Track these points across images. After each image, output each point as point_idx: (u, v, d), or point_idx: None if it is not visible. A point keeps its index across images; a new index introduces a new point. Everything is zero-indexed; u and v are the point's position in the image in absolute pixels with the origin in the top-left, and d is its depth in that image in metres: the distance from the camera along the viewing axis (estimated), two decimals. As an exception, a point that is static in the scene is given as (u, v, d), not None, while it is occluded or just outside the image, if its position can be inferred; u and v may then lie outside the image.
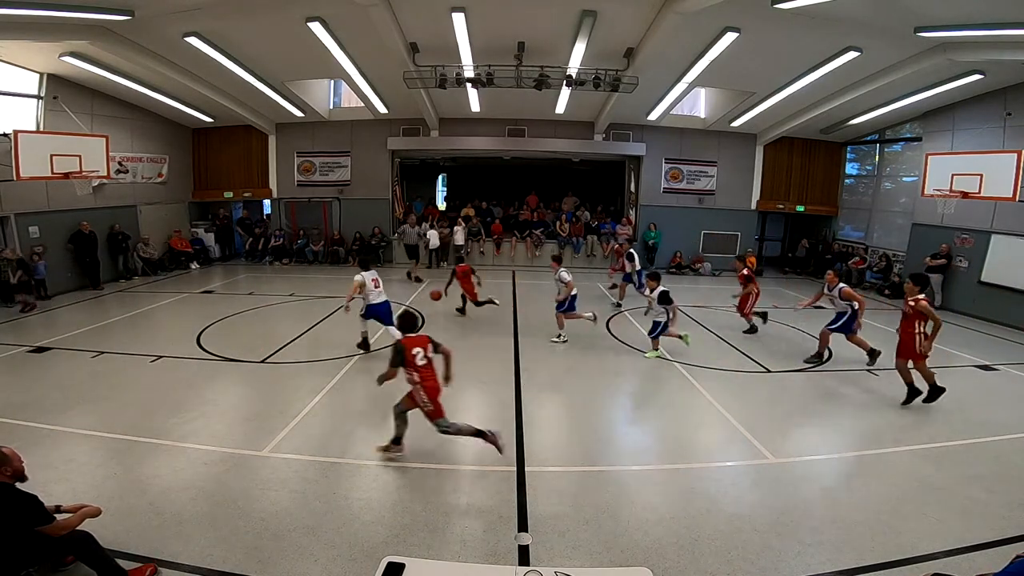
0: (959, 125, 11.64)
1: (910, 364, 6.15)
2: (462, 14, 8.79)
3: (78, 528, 3.12)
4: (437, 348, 4.69)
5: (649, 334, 7.87)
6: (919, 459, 4.96)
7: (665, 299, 7.46)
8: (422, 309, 10.11)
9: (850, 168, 16.10)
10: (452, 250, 15.49)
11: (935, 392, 6.06)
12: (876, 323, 10.34)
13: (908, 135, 13.80)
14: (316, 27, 9.24)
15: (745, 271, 9.34)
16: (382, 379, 4.70)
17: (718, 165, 15.74)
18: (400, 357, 4.48)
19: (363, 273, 7.26)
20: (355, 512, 3.96)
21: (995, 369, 7.76)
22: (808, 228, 16.88)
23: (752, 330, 9.28)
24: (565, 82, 10.62)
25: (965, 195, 9.54)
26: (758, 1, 7.93)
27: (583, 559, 3.53)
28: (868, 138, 15.14)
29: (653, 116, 14.23)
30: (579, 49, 9.82)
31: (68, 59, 9.97)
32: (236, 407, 5.90)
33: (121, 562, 3.22)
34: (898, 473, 4.71)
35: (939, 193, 9.90)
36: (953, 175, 9.68)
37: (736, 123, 14.48)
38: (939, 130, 12.15)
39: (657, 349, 7.76)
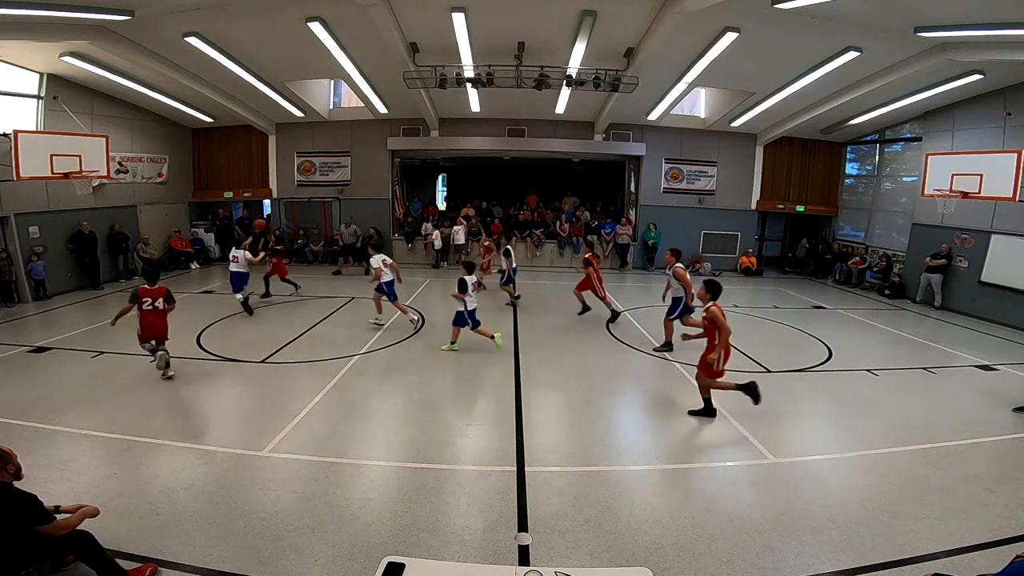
0: (959, 125, 11.64)
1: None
2: (462, 14, 8.79)
3: (78, 528, 3.13)
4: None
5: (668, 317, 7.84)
6: (919, 459, 4.96)
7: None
8: (424, 310, 10.12)
9: (850, 168, 16.11)
10: (453, 250, 15.50)
11: (708, 409, 5.73)
12: (877, 323, 10.37)
13: (908, 135, 13.80)
14: (316, 27, 9.24)
15: (588, 255, 9.64)
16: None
17: (718, 165, 15.74)
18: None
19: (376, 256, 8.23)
20: (355, 512, 3.96)
21: (995, 369, 7.76)
22: (808, 228, 16.88)
23: (614, 316, 9.52)
24: (565, 82, 10.62)
25: (965, 195, 9.53)
26: (758, 1, 7.94)
27: (583, 559, 3.52)
28: (868, 138, 15.14)
29: (653, 116, 14.23)
30: (579, 49, 9.83)
31: (68, 59, 9.97)
32: (236, 407, 5.90)
33: (121, 562, 3.22)
34: (898, 473, 4.71)
35: (939, 193, 9.89)
36: (953, 175, 9.66)
37: (736, 123, 14.48)
38: (939, 130, 12.15)
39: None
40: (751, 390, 5.64)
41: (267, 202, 16.94)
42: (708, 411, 5.77)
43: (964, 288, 11.40)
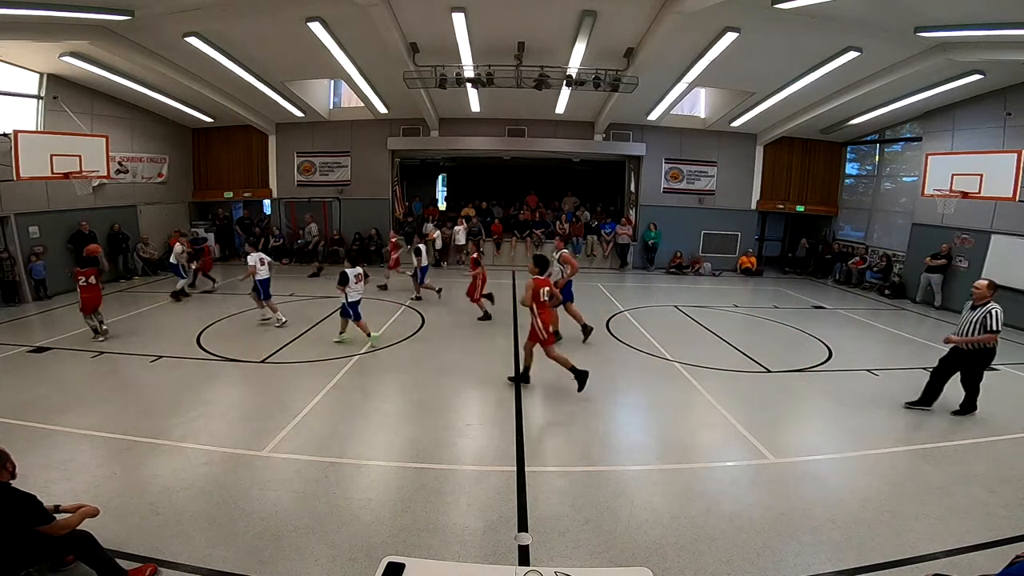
0: (959, 125, 11.64)
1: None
2: (462, 14, 8.79)
3: (78, 528, 3.13)
4: None
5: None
6: (919, 459, 4.96)
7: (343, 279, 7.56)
8: (425, 311, 10.13)
9: (850, 168, 16.11)
10: (453, 250, 15.52)
11: (525, 375, 6.51)
12: (877, 323, 10.37)
13: (908, 135, 13.80)
14: (316, 27, 9.24)
15: (475, 255, 9.75)
16: None
17: (718, 165, 15.75)
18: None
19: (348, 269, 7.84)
20: (355, 512, 3.96)
21: (995, 369, 7.73)
22: (808, 228, 16.88)
23: (486, 317, 9.47)
24: (565, 82, 10.62)
25: (965, 195, 9.53)
26: (758, 1, 7.94)
27: (583, 559, 3.52)
28: (868, 138, 15.14)
29: (653, 116, 14.23)
30: (579, 49, 9.83)
31: (68, 59, 9.98)
32: (236, 407, 5.90)
33: (121, 562, 3.22)
34: (898, 473, 4.71)
35: (939, 193, 9.89)
36: (953, 175, 9.67)
37: (736, 123, 14.49)
38: (939, 130, 12.16)
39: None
40: (580, 376, 6.13)
41: (267, 202, 16.95)
42: (525, 378, 6.48)
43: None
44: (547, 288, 6.36)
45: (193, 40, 9.60)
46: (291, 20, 9.14)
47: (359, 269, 7.91)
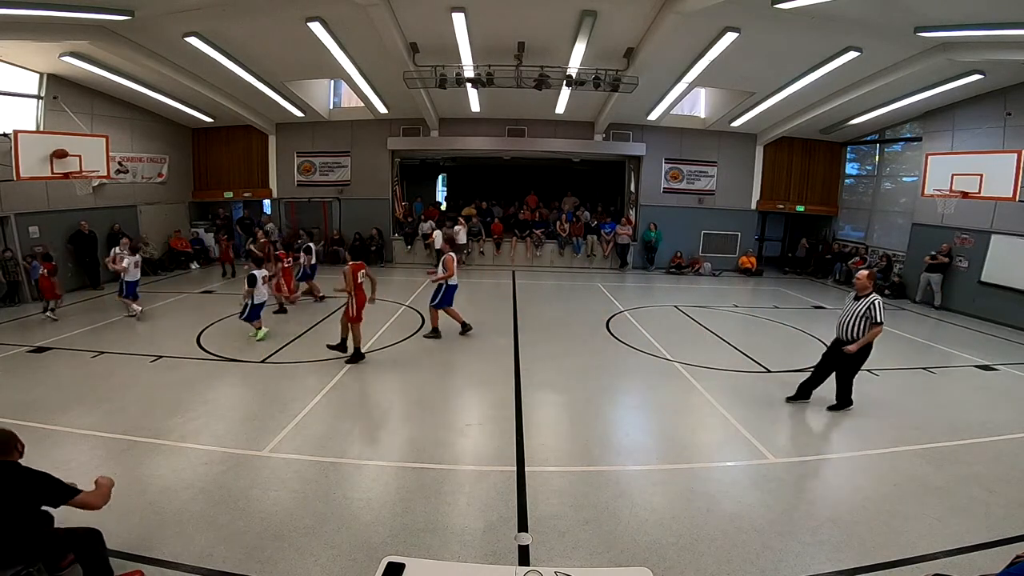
0: (959, 125, 11.64)
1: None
2: (462, 14, 8.79)
3: (89, 525, 3.09)
4: None
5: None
6: (919, 459, 4.96)
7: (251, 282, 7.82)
8: (424, 311, 10.12)
9: (850, 168, 16.11)
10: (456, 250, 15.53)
11: (341, 346, 7.37)
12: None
13: (908, 135, 13.80)
14: (316, 27, 9.24)
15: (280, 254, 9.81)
16: None
17: (718, 165, 15.75)
18: None
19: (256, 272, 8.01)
20: (355, 512, 3.96)
21: (995, 369, 7.76)
22: (808, 228, 16.88)
23: (281, 310, 9.67)
24: (565, 82, 10.62)
25: (965, 195, 9.53)
26: (758, 1, 7.94)
27: (583, 559, 3.52)
28: (868, 138, 15.15)
29: (653, 116, 14.23)
30: (579, 49, 9.83)
31: (68, 59, 9.98)
32: (236, 407, 5.90)
33: (120, 562, 3.23)
34: (898, 473, 4.71)
35: (939, 193, 9.90)
36: (953, 175, 9.67)
37: (736, 123, 14.49)
38: (939, 130, 12.16)
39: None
40: (354, 354, 7.10)
41: (267, 202, 16.95)
42: (341, 348, 7.32)
43: (964, 288, 11.40)
44: (363, 271, 7.28)
45: (193, 40, 9.60)
46: (291, 20, 9.14)
47: (266, 272, 7.95)
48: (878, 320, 5.47)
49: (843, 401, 5.97)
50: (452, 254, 8.39)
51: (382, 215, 15.85)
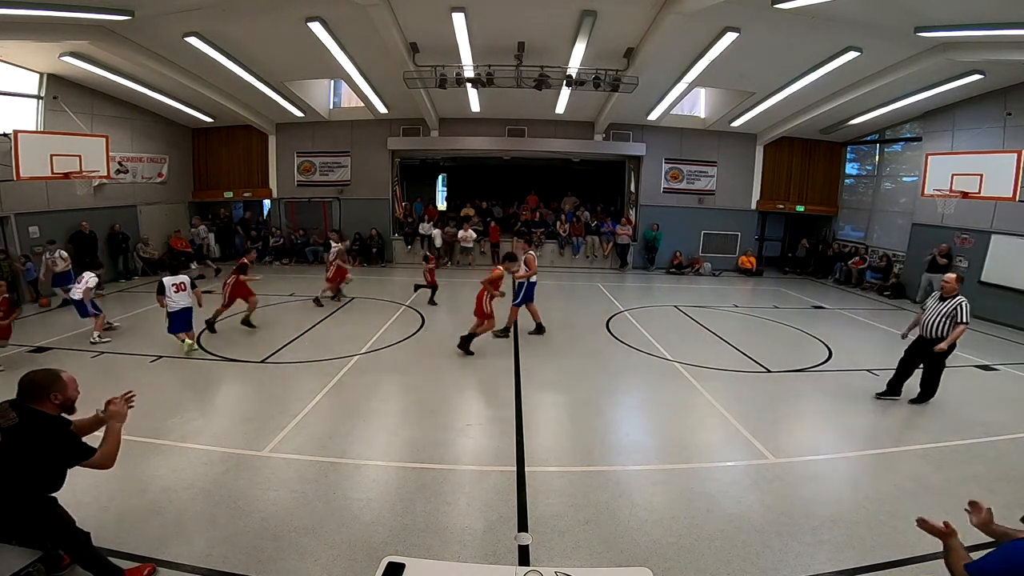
0: (959, 125, 11.64)
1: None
2: (462, 14, 8.79)
3: (79, 528, 3.07)
4: None
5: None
6: (919, 459, 4.96)
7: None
8: (425, 312, 10.13)
9: (850, 168, 16.12)
10: (457, 250, 15.57)
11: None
12: (877, 323, 10.37)
13: (908, 135, 13.80)
14: (316, 27, 9.24)
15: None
16: None
17: (718, 165, 15.75)
18: None
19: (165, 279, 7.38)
20: (355, 512, 3.95)
21: (995, 369, 7.76)
22: (808, 228, 16.89)
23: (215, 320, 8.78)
24: (565, 82, 10.62)
25: (965, 195, 9.54)
26: (758, 1, 7.94)
27: (583, 559, 3.52)
28: (868, 138, 15.15)
29: (653, 116, 14.23)
30: (579, 49, 9.83)
31: (68, 59, 9.98)
32: (236, 407, 5.90)
33: (120, 562, 3.22)
34: (898, 473, 4.71)
35: (939, 193, 9.90)
36: (953, 175, 9.68)
37: (736, 123, 14.49)
38: (939, 130, 12.16)
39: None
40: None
41: (267, 202, 16.96)
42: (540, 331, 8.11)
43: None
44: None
45: (193, 40, 9.60)
46: (291, 20, 9.15)
47: (183, 277, 7.49)
48: (963, 320, 5.79)
49: (928, 393, 6.18)
50: (532, 252, 8.64)
51: (382, 215, 15.85)
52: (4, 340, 7.16)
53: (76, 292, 7.98)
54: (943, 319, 5.90)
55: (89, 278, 8.01)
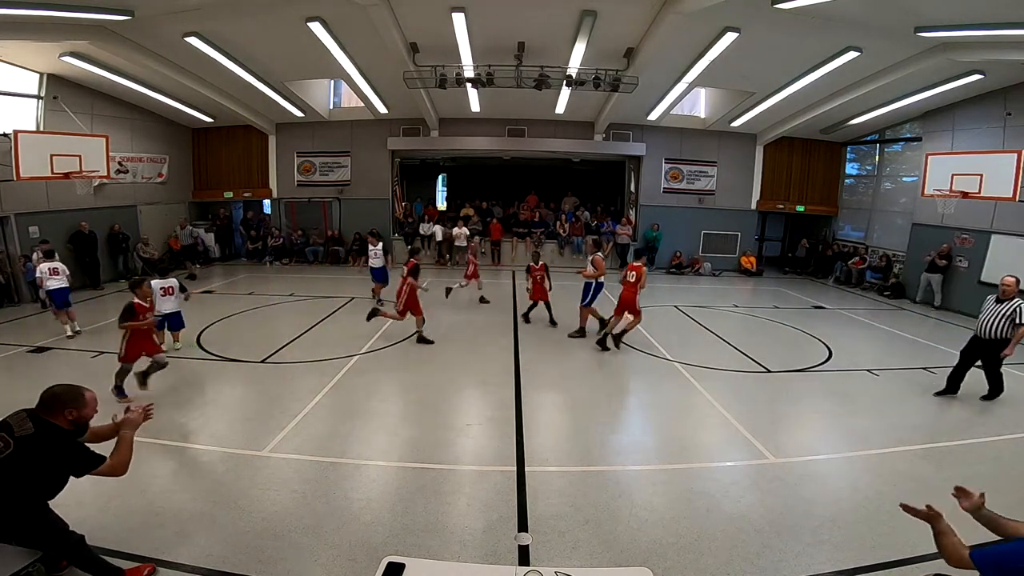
0: (959, 125, 11.64)
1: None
2: (462, 14, 8.79)
3: (72, 531, 3.06)
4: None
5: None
6: (919, 459, 4.96)
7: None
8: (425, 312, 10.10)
9: (850, 168, 16.12)
10: (456, 250, 15.56)
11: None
12: (877, 323, 10.37)
13: (908, 135, 13.80)
14: (316, 27, 9.24)
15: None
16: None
17: (718, 165, 15.75)
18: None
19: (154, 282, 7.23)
20: (355, 512, 3.95)
21: (995, 369, 7.75)
22: (808, 228, 16.89)
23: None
24: (565, 82, 10.62)
25: (965, 195, 9.54)
26: (758, 1, 7.94)
27: (583, 559, 3.52)
28: (868, 138, 15.15)
29: (653, 116, 14.23)
30: (579, 49, 9.83)
31: (68, 59, 9.98)
32: (236, 407, 5.90)
33: (120, 562, 3.22)
34: (898, 473, 4.70)
35: (939, 193, 9.90)
36: (953, 175, 9.68)
37: (736, 123, 14.49)
38: (939, 130, 12.16)
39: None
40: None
41: (267, 202, 16.96)
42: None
43: (964, 288, 11.39)
44: (634, 271, 7.84)
45: (193, 40, 9.60)
46: (291, 20, 9.14)
47: (172, 281, 7.44)
48: (1022, 321, 5.89)
49: (996, 390, 6.31)
50: (600, 254, 8.66)
51: (382, 215, 15.85)
52: None
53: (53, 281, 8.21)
54: (1002, 320, 6.00)
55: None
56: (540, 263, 9.29)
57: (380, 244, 10.65)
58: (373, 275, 10.58)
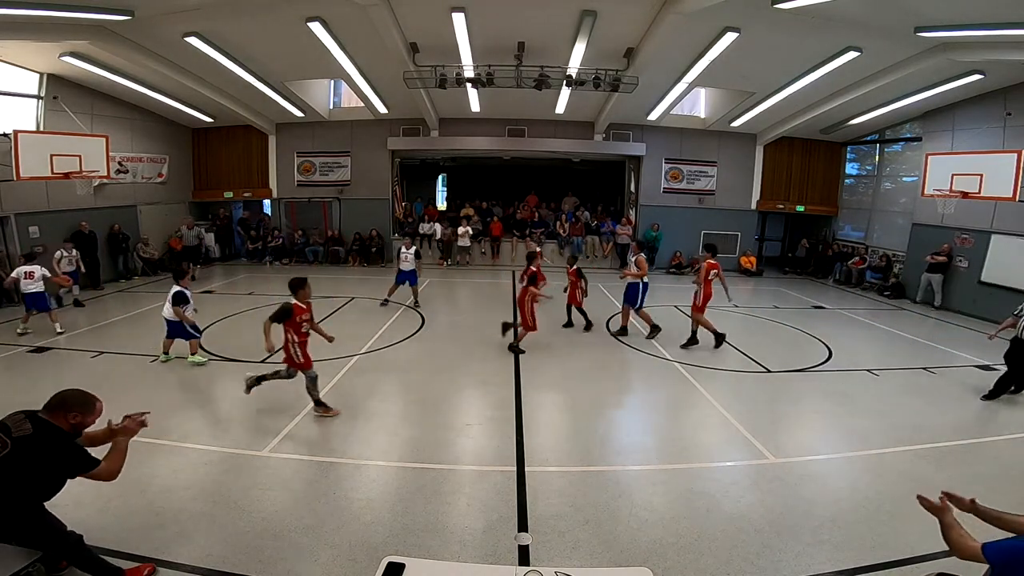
0: (959, 125, 11.64)
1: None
2: (462, 14, 8.79)
3: (71, 531, 3.05)
4: None
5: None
6: (919, 459, 4.96)
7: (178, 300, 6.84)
8: (425, 312, 10.11)
9: (850, 168, 16.11)
10: (456, 250, 15.58)
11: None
12: (877, 323, 10.37)
13: (908, 135, 13.80)
14: (316, 27, 9.24)
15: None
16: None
17: (718, 165, 15.75)
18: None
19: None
20: (355, 512, 3.95)
21: (995, 369, 7.74)
22: (808, 228, 16.88)
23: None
24: (565, 82, 10.62)
25: (965, 195, 9.54)
26: (758, 1, 7.94)
27: (583, 559, 3.52)
28: (868, 138, 15.14)
29: (653, 116, 14.23)
30: (579, 49, 9.83)
31: (68, 59, 9.97)
32: (236, 407, 5.89)
33: (120, 562, 3.22)
34: (898, 473, 4.70)
35: (939, 193, 9.90)
36: (953, 175, 9.68)
37: (736, 123, 14.49)
38: (939, 130, 12.15)
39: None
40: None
41: (267, 202, 16.95)
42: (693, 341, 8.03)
43: (964, 288, 11.39)
44: (716, 271, 8.01)
45: (193, 40, 9.59)
46: (291, 20, 9.14)
47: (36, 267, 7.62)
48: None
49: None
50: (642, 255, 8.81)
51: (382, 215, 15.85)
52: None
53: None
54: None
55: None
56: (573, 267, 9.02)
57: (413, 248, 10.49)
58: (403, 278, 10.28)
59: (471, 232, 15.26)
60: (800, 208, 16.04)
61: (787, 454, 5.01)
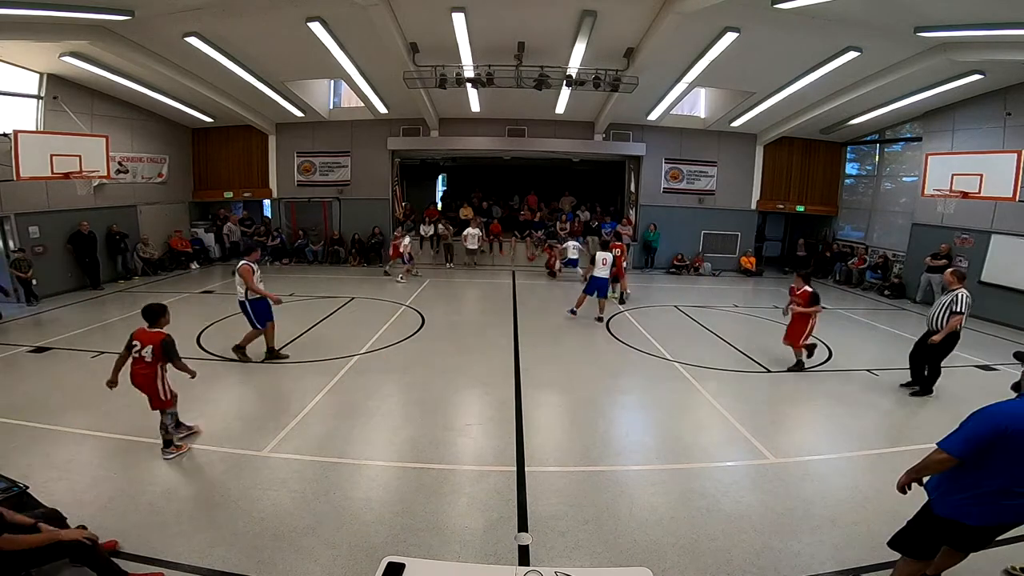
0: (959, 125, 11.64)
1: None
2: (462, 14, 8.79)
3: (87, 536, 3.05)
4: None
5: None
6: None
7: None
8: (425, 312, 10.11)
9: (850, 168, 16.11)
10: (464, 252, 15.56)
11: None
12: (876, 323, 10.37)
13: (908, 135, 13.80)
14: (316, 27, 9.24)
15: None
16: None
17: (718, 165, 15.75)
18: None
19: None
20: (355, 512, 3.96)
21: (995, 369, 7.77)
22: (808, 228, 16.88)
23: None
24: (565, 82, 10.61)
25: (965, 195, 9.53)
26: (758, 1, 7.94)
27: (583, 559, 3.52)
28: (868, 138, 15.14)
29: (653, 116, 14.23)
30: (579, 49, 9.82)
31: (68, 59, 9.97)
32: (236, 407, 5.90)
33: (122, 563, 3.22)
34: (898, 473, 4.67)
35: (939, 193, 9.89)
36: (953, 175, 9.67)
37: (736, 123, 14.49)
38: (939, 130, 12.16)
39: None
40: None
41: (267, 202, 16.96)
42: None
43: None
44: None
45: (193, 40, 9.59)
46: (291, 20, 9.14)
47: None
48: (959, 310, 6.08)
49: (928, 384, 6.59)
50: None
51: (382, 215, 15.85)
52: None
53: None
54: (942, 311, 6.21)
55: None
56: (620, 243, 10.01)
57: (407, 237, 11.76)
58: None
59: (479, 233, 15.14)
60: (800, 208, 16.04)
61: (787, 454, 5.01)
